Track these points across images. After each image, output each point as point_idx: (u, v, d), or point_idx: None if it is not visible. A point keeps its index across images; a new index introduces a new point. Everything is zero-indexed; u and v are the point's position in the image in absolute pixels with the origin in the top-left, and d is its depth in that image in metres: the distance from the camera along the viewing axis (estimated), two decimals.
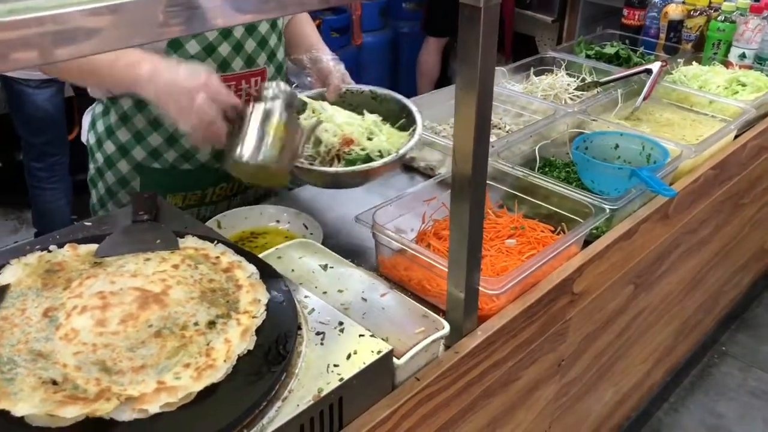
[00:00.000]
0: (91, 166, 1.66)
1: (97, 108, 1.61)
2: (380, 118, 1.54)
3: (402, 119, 1.57)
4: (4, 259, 1.12)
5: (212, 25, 0.71)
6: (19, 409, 0.85)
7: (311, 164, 1.43)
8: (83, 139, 1.69)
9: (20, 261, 1.12)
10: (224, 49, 1.48)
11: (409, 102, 1.60)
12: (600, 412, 2.04)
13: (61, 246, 1.17)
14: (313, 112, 1.51)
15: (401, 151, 1.45)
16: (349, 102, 1.61)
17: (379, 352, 1.04)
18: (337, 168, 1.43)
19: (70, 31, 0.60)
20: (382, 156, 1.44)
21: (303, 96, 1.55)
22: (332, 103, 1.55)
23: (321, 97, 1.58)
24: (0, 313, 1.00)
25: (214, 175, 1.60)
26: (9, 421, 0.85)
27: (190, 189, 1.61)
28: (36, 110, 2.93)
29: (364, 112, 1.55)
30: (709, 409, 2.61)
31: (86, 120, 1.67)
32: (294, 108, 1.33)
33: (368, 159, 1.44)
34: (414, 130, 1.51)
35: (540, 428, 1.68)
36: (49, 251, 1.15)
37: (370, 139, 1.47)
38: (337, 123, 1.47)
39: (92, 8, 0.61)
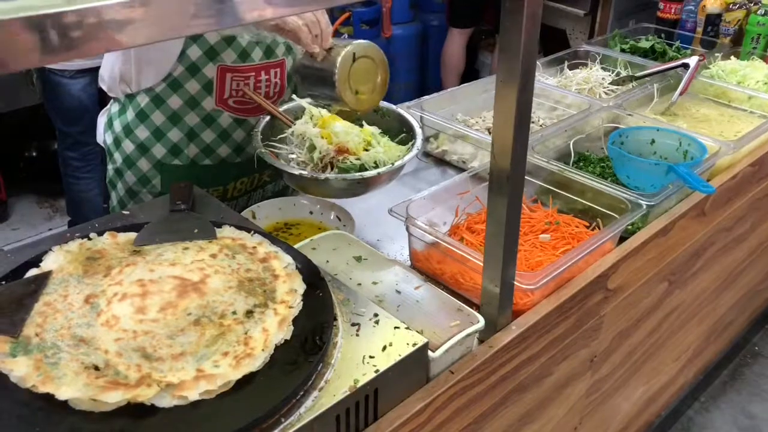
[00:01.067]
0: (110, 167, 1.64)
1: (113, 107, 1.60)
2: (379, 131, 1.52)
3: (402, 134, 1.56)
4: (46, 246, 1.14)
5: (243, 19, 0.71)
6: (62, 393, 0.87)
7: (302, 171, 1.41)
8: (99, 140, 1.67)
9: (62, 248, 1.13)
10: (244, 39, 1.49)
11: (410, 117, 1.59)
12: (630, 410, 2.02)
13: (100, 234, 1.18)
14: (311, 118, 1.49)
15: (397, 163, 1.43)
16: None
17: (414, 344, 1.04)
18: (328, 174, 1.40)
19: (105, 24, 0.60)
20: (377, 167, 1.42)
21: (301, 101, 1.54)
22: (331, 111, 1.52)
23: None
24: (43, 299, 1.02)
25: (234, 170, 1.61)
26: (53, 404, 0.86)
27: (211, 185, 1.60)
28: (71, 100, 2.97)
29: (364, 123, 1.53)
30: (741, 408, 2.58)
31: (101, 121, 1.65)
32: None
33: (363, 169, 1.41)
34: (413, 144, 1.50)
35: (570, 424, 1.67)
36: (90, 239, 1.17)
37: (366, 150, 1.46)
38: (333, 131, 1.45)
39: (125, 1, 0.61)
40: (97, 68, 3.16)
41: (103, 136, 1.64)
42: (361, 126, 1.51)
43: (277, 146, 1.50)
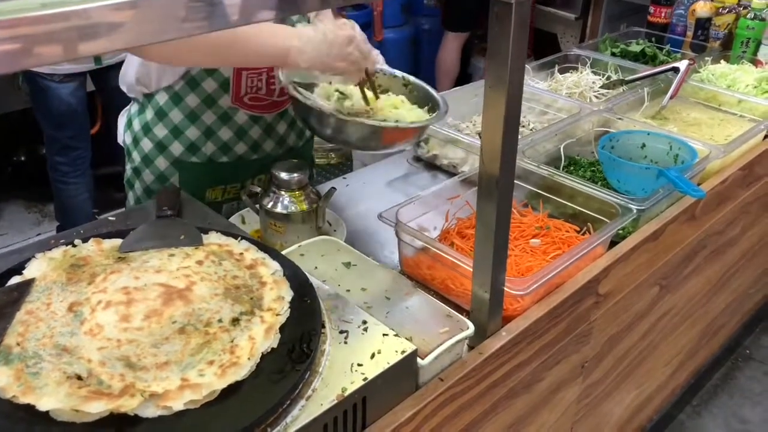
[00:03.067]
0: (128, 166, 1.64)
1: (133, 108, 1.60)
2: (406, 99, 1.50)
3: (427, 107, 1.51)
4: (29, 253, 1.13)
5: (233, 21, 0.70)
6: (44, 404, 0.85)
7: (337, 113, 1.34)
8: (119, 140, 1.67)
9: (45, 255, 1.12)
10: None
11: (437, 94, 1.53)
12: (622, 415, 2.02)
13: (85, 240, 1.17)
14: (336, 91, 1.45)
15: (430, 119, 1.40)
16: (379, 84, 1.54)
17: (403, 351, 1.03)
18: (370, 120, 1.33)
19: (94, 26, 0.60)
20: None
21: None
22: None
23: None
24: (25, 307, 1.00)
25: (251, 167, 1.60)
26: (34, 415, 0.85)
27: (228, 182, 1.61)
28: (60, 104, 2.95)
29: (389, 93, 1.51)
30: (733, 413, 2.58)
31: (122, 121, 1.65)
32: None
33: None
34: (437, 110, 1.45)
35: (562, 430, 1.66)
36: (74, 246, 1.15)
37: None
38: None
39: (115, 3, 0.60)
40: (86, 73, 3.12)
41: (123, 136, 1.64)
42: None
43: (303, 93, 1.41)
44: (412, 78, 1.58)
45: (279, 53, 1.29)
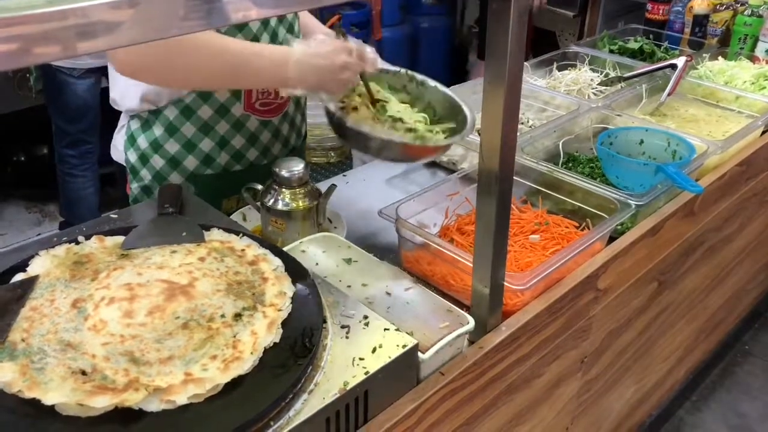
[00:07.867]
0: (135, 185, 1.57)
1: (133, 124, 1.53)
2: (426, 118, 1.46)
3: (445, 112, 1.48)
4: (33, 250, 1.14)
5: (232, 19, 0.71)
6: (49, 398, 0.86)
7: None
8: (115, 157, 1.61)
9: (48, 252, 1.13)
10: (265, 39, 1.48)
11: (454, 95, 1.49)
12: (621, 410, 2.03)
13: (88, 238, 1.17)
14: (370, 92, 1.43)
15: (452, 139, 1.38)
16: (386, 81, 1.53)
17: (404, 346, 1.04)
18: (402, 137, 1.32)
19: (92, 25, 0.60)
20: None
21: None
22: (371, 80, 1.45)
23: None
24: (30, 304, 1.01)
25: (261, 172, 1.59)
26: (39, 409, 0.86)
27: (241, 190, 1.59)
28: (76, 99, 2.97)
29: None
30: (732, 408, 2.59)
31: (119, 139, 1.58)
32: None
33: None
34: (459, 128, 1.41)
35: (561, 425, 1.67)
36: (77, 243, 1.16)
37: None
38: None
39: (113, 2, 0.60)
40: (104, 67, 3.11)
41: (124, 154, 1.57)
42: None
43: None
44: (417, 75, 1.54)
45: (277, 82, 1.36)
